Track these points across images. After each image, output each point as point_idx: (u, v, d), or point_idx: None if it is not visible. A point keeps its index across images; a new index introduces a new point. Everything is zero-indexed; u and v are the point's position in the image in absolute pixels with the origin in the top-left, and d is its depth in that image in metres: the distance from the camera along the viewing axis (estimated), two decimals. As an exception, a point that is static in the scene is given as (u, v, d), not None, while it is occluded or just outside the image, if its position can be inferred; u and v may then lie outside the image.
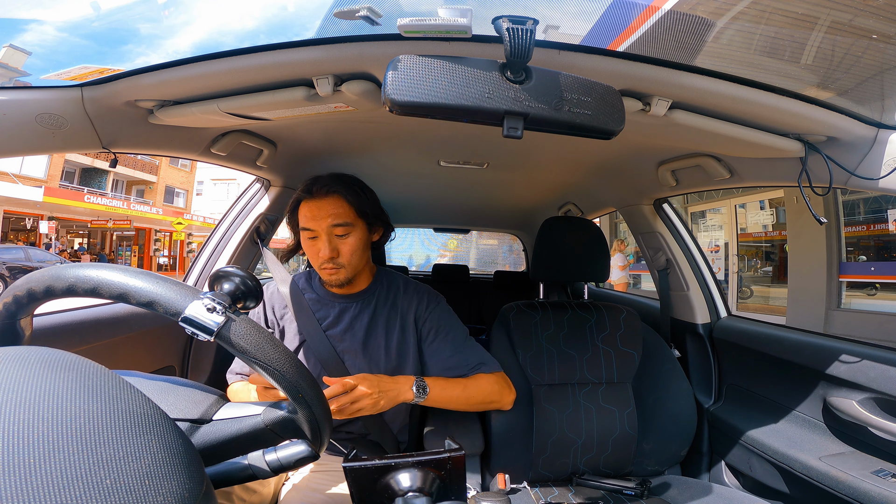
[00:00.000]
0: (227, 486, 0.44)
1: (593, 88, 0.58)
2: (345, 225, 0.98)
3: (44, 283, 0.38)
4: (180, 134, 1.05)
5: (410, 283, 1.13)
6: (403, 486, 0.29)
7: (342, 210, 0.98)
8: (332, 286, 1.05)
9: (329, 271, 1.00)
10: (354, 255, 1.00)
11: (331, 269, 0.99)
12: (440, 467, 0.30)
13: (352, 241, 1.00)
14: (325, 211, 0.98)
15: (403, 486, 0.29)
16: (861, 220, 6.02)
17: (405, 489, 0.29)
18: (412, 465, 0.30)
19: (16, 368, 0.27)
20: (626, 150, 1.33)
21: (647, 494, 1.14)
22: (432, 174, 1.74)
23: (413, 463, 0.30)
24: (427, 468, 0.30)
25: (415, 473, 0.29)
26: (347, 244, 0.99)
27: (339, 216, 0.98)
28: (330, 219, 0.97)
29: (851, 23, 0.75)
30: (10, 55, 0.79)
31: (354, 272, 1.03)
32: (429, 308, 1.08)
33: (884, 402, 0.96)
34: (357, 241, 1.00)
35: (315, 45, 0.73)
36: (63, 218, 15.17)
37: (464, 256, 6.53)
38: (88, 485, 0.23)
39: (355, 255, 1.00)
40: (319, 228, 0.98)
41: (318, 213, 0.98)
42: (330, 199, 0.99)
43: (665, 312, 1.58)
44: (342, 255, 0.99)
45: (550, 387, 1.22)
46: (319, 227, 0.98)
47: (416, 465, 0.30)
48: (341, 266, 1.00)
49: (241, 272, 0.40)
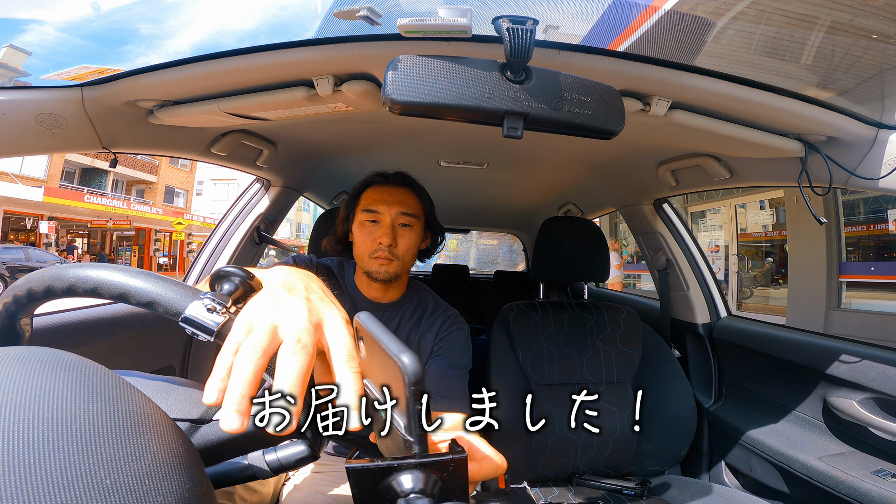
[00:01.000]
0: (228, 486, 0.44)
1: (593, 88, 0.58)
2: (411, 216, 0.98)
3: (44, 284, 0.38)
4: (180, 134, 1.05)
5: (441, 304, 1.09)
6: (406, 488, 0.29)
7: (412, 202, 0.99)
8: (378, 278, 0.98)
9: (381, 261, 0.96)
10: (410, 251, 0.99)
11: (384, 259, 0.96)
12: (443, 469, 0.30)
13: (412, 235, 0.99)
14: (395, 198, 0.98)
15: (406, 487, 0.29)
16: (861, 220, 6.02)
17: (407, 490, 0.29)
18: (415, 466, 0.30)
19: (16, 368, 0.27)
20: (626, 150, 1.33)
21: (647, 494, 1.14)
22: (432, 174, 1.74)
23: (416, 464, 0.30)
24: (430, 470, 0.30)
25: (417, 475, 0.29)
26: (407, 237, 0.98)
27: (409, 206, 0.98)
28: (400, 206, 0.97)
29: (851, 23, 0.75)
30: (10, 55, 0.79)
31: (403, 270, 1.00)
32: (450, 330, 1.03)
33: (884, 402, 0.96)
34: (416, 238, 1.00)
35: (315, 45, 0.73)
36: (63, 218, 15.17)
37: (464, 256, 6.54)
38: (88, 485, 0.23)
39: (410, 252, 0.99)
40: (387, 213, 0.97)
41: (389, 198, 0.98)
42: (403, 189, 1.00)
43: (665, 312, 1.58)
44: (399, 247, 0.97)
45: (550, 387, 1.22)
46: (388, 211, 0.97)
47: (419, 467, 0.30)
48: (396, 258, 0.97)
49: (242, 272, 0.40)
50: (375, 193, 0.99)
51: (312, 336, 0.32)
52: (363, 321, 0.35)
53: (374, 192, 0.99)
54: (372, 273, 0.98)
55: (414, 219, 0.99)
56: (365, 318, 0.35)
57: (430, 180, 1.86)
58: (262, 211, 1.52)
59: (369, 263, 0.97)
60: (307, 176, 1.64)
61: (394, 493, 0.29)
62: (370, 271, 0.98)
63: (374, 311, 1.02)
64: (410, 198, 1.00)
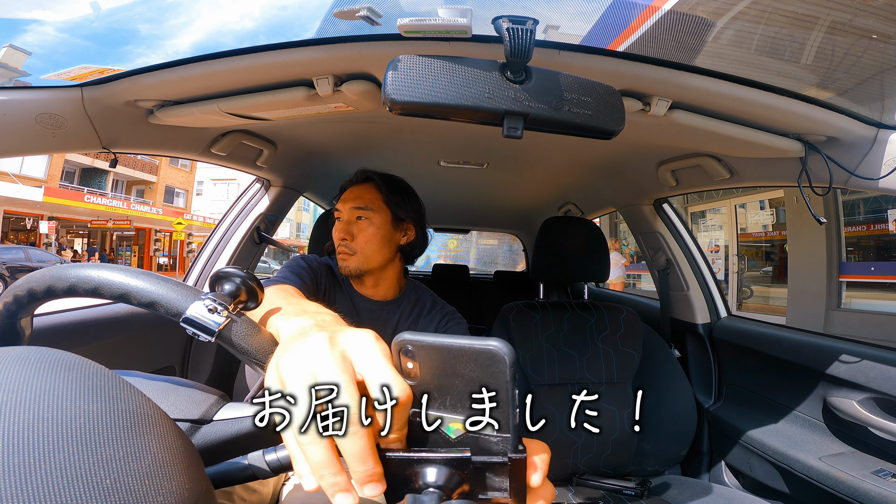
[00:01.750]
0: (228, 486, 0.44)
1: (593, 88, 0.58)
2: (364, 209, 0.98)
3: (45, 283, 0.38)
4: (180, 134, 1.05)
5: (438, 302, 1.09)
6: (428, 480, 0.29)
7: (369, 196, 0.99)
8: (344, 273, 1.01)
9: (342, 255, 0.98)
10: (369, 243, 0.98)
11: (343, 254, 0.98)
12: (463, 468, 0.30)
13: (370, 228, 0.98)
14: (353, 194, 0.99)
15: (428, 479, 0.29)
16: (861, 220, 6.02)
17: (429, 483, 0.29)
18: (440, 461, 0.30)
19: (16, 368, 0.27)
20: (626, 150, 1.33)
21: (647, 494, 1.14)
22: (432, 174, 1.74)
23: (440, 460, 0.30)
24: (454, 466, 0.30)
25: (441, 470, 0.30)
26: (364, 231, 0.98)
27: (363, 199, 0.98)
28: (354, 201, 0.98)
29: (851, 23, 0.75)
30: (10, 55, 0.79)
31: (367, 264, 0.99)
32: (448, 325, 1.05)
33: (884, 402, 0.96)
34: (374, 230, 0.98)
35: (315, 46, 0.73)
36: (63, 218, 15.17)
37: (464, 256, 6.53)
38: (88, 485, 0.23)
39: (370, 245, 0.98)
40: (344, 210, 0.98)
41: (348, 195, 0.99)
42: (363, 185, 1.00)
43: (665, 312, 1.58)
44: (357, 240, 0.97)
45: (550, 387, 1.22)
46: (344, 208, 0.98)
47: (443, 462, 0.30)
48: (353, 252, 0.98)
49: (242, 272, 0.40)
50: (342, 195, 1.01)
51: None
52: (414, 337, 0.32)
53: (343, 194, 1.01)
54: (339, 269, 1.00)
55: (369, 211, 0.98)
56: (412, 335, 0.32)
57: (430, 180, 1.87)
58: (262, 211, 1.52)
59: (338, 258, 0.99)
60: (307, 176, 1.64)
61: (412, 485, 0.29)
62: (338, 267, 1.00)
63: (371, 309, 1.02)
64: (366, 191, 0.99)
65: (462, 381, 0.31)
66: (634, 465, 1.24)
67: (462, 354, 0.30)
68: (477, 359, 0.30)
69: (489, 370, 0.30)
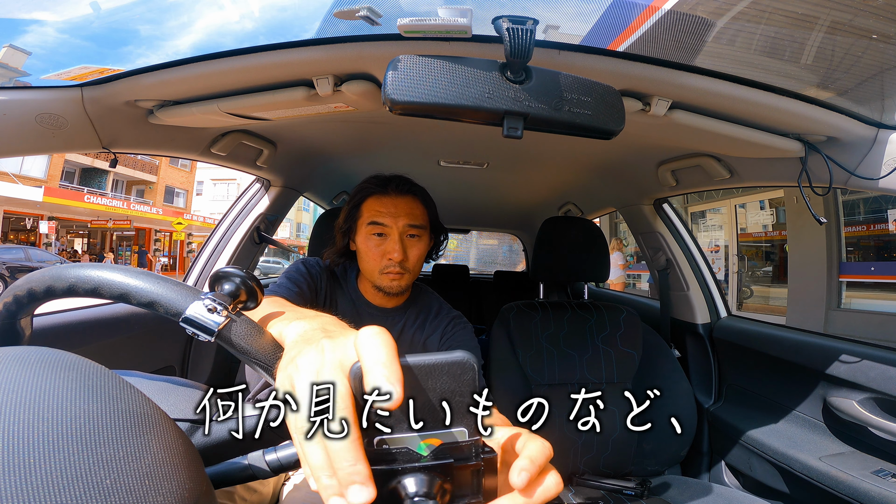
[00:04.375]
0: (228, 486, 0.44)
1: (593, 88, 0.58)
2: (419, 227, 0.94)
3: (44, 283, 0.38)
4: (180, 134, 1.05)
5: (445, 306, 1.07)
6: (410, 491, 0.29)
7: (419, 212, 0.94)
8: (391, 293, 0.96)
9: (393, 276, 0.92)
10: (419, 262, 0.95)
11: (395, 274, 0.92)
12: (447, 473, 0.30)
13: (421, 246, 0.95)
14: (401, 209, 0.92)
15: (410, 490, 0.29)
16: (861, 220, 6.01)
17: (412, 494, 0.29)
18: (419, 469, 0.30)
19: (16, 368, 0.27)
20: (626, 150, 1.33)
21: (647, 494, 1.14)
22: (432, 174, 1.74)
23: (420, 468, 0.30)
24: (433, 473, 0.30)
25: (421, 478, 0.29)
26: (417, 249, 0.94)
27: (416, 217, 0.93)
28: (407, 218, 0.92)
29: (851, 23, 0.75)
30: (10, 55, 0.79)
31: (413, 279, 0.98)
32: (454, 330, 1.02)
33: (884, 402, 0.96)
34: (424, 249, 0.96)
35: (315, 46, 0.73)
36: (63, 218, 15.16)
37: (464, 256, 6.54)
38: (88, 485, 0.23)
39: (419, 263, 0.96)
40: (394, 226, 0.92)
41: (395, 210, 0.92)
42: (407, 198, 0.94)
43: (665, 312, 1.58)
44: (410, 260, 0.93)
45: (550, 387, 1.22)
46: (395, 224, 0.92)
47: (423, 471, 0.30)
48: (406, 271, 0.93)
49: (242, 272, 0.40)
50: (379, 205, 0.93)
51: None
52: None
53: (376, 202, 0.94)
54: (384, 288, 0.95)
55: (421, 230, 0.95)
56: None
57: (430, 180, 1.86)
58: (262, 211, 1.52)
59: (380, 279, 0.94)
60: (307, 176, 1.64)
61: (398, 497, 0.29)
62: (382, 287, 0.95)
63: (377, 317, 1.01)
64: (416, 207, 0.95)
65: (435, 395, 0.32)
66: (634, 465, 1.24)
67: (435, 369, 0.32)
68: (449, 370, 0.32)
69: (461, 379, 0.32)
